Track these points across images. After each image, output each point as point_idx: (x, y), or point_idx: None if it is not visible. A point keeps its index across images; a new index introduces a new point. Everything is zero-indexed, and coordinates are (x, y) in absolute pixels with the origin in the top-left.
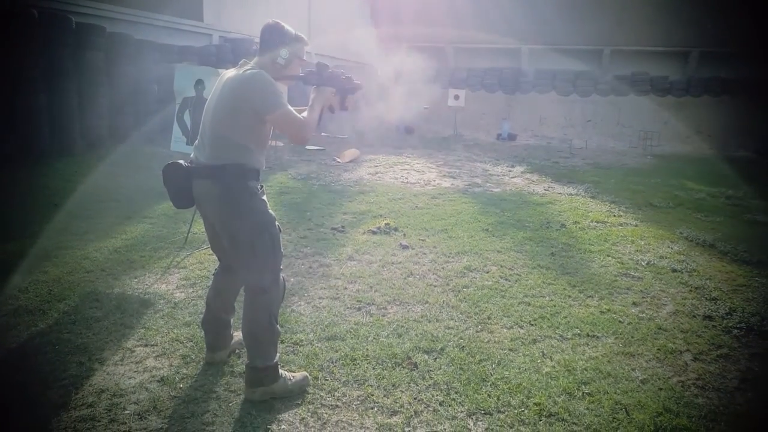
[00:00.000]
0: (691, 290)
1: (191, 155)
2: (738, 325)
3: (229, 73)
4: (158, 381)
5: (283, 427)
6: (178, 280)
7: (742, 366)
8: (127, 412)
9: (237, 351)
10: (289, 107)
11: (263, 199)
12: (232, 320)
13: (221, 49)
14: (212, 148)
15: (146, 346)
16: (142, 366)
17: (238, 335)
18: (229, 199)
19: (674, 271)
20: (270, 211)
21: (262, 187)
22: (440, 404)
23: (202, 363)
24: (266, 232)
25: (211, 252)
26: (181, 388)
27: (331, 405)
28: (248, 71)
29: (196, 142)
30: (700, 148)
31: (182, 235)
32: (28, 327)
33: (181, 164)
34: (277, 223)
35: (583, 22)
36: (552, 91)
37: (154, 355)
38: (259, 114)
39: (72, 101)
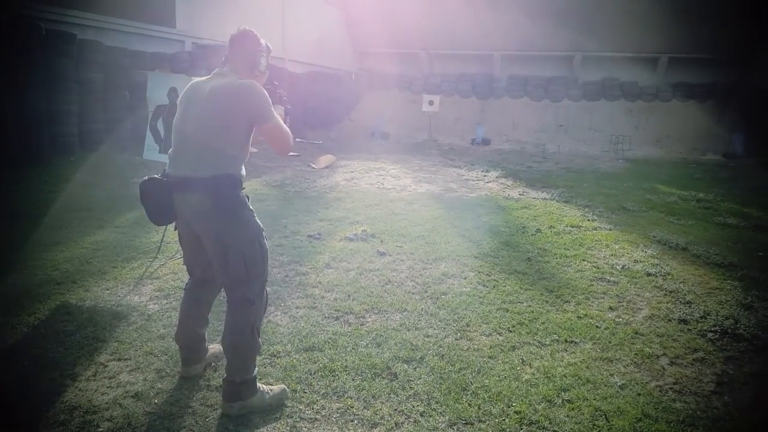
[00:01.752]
0: (665, 294)
1: (165, 168)
2: (712, 329)
3: (210, 82)
4: (132, 396)
5: None
6: (151, 291)
7: (718, 369)
8: (101, 429)
9: (213, 364)
10: (279, 118)
11: (251, 209)
12: (206, 333)
13: (193, 56)
14: (200, 159)
15: (119, 360)
16: (115, 381)
17: (213, 348)
18: (224, 210)
19: (649, 275)
20: (258, 221)
21: (248, 197)
22: (421, 415)
23: (177, 377)
24: (256, 243)
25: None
26: (156, 403)
27: (310, 418)
28: (240, 81)
29: (171, 153)
30: (670, 152)
31: (155, 244)
32: None
33: (160, 179)
34: (264, 234)
35: (555, 28)
36: (524, 97)
37: (127, 369)
38: (253, 124)
39: (41, 109)
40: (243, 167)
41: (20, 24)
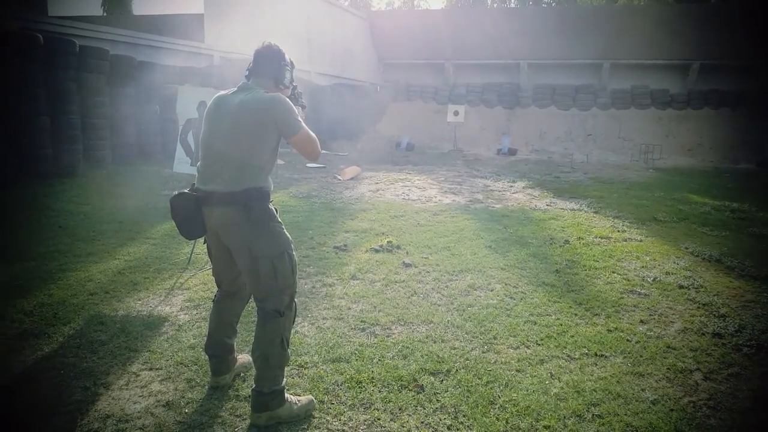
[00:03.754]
0: (699, 307)
1: (194, 183)
2: (748, 343)
3: (236, 96)
4: (164, 406)
5: None
6: (181, 301)
7: (754, 385)
8: None
9: (242, 374)
10: (306, 127)
11: (280, 221)
12: (235, 343)
13: (222, 70)
14: (230, 173)
15: (151, 369)
16: (147, 390)
17: (242, 358)
18: (254, 223)
19: (681, 287)
20: (287, 233)
21: (277, 210)
22: (448, 428)
23: (207, 387)
24: (286, 255)
25: None
26: (186, 412)
27: (338, 429)
28: (267, 94)
29: (199, 167)
30: (702, 161)
31: (185, 256)
32: (34, 351)
33: (190, 193)
34: (293, 245)
35: (582, 36)
36: (552, 106)
37: (159, 378)
38: (283, 136)
39: (75, 123)
40: (270, 179)
41: (55, 40)
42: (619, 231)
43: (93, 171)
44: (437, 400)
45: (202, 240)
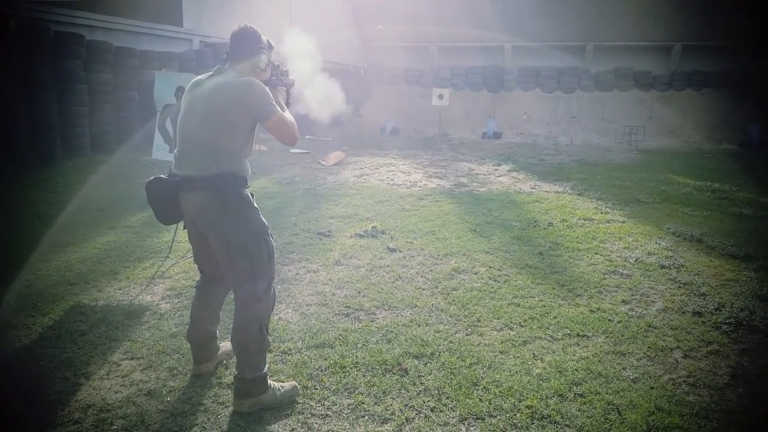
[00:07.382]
0: (679, 286)
1: (171, 168)
2: (727, 321)
3: (210, 80)
4: (145, 394)
5: None
6: (163, 290)
7: (733, 362)
8: (115, 427)
9: (224, 362)
10: (281, 111)
11: (256, 207)
12: (217, 331)
13: (201, 54)
14: (203, 158)
15: (132, 359)
16: (128, 380)
17: (224, 346)
18: (227, 208)
19: (662, 267)
20: (263, 218)
21: (253, 195)
22: (432, 410)
23: (189, 375)
24: (261, 240)
25: None
26: (168, 401)
27: (321, 414)
28: (241, 79)
29: (176, 153)
30: (685, 142)
31: (166, 244)
32: (12, 342)
33: (166, 179)
34: (270, 231)
35: (566, 17)
36: (536, 88)
37: (140, 368)
38: (256, 121)
39: (52, 110)
40: (248, 165)
41: (29, 26)
42: (602, 213)
43: (71, 159)
44: (421, 382)
45: (182, 227)
